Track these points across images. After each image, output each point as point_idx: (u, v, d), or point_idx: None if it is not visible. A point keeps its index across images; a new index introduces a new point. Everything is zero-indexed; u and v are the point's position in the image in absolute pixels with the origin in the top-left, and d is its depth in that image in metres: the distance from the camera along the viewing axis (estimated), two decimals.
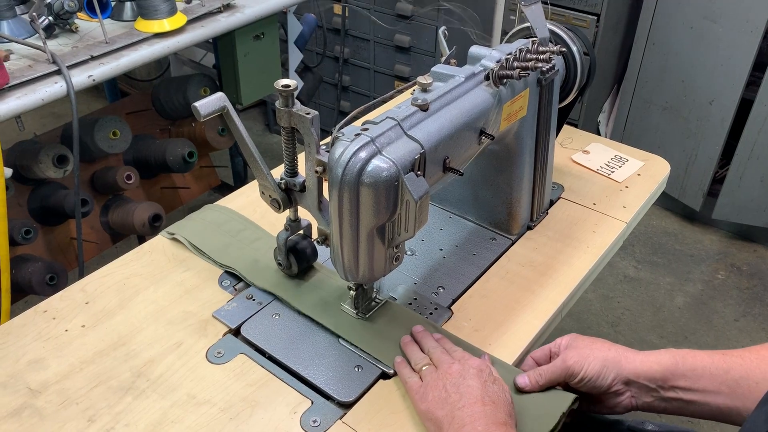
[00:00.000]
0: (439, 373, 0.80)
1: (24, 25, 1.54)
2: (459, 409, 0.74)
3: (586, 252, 1.07)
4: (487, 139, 0.90)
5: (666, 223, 2.58)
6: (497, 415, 0.74)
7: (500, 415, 0.74)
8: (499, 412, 0.74)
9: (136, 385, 0.84)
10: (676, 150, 2.41)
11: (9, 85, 1.34)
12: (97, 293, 0.98)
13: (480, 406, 0.74)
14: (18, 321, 0.93)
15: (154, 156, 2.00)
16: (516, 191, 1.06)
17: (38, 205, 1.84)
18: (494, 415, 0.73)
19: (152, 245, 1.07)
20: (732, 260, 2.41)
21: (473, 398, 0.75)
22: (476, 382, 0.77)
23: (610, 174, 1.25)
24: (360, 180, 0.74)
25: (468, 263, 1.05)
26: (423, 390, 0.79)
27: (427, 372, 0.81)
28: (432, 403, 0.77)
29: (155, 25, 1.57)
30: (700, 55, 2.21)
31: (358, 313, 0.92)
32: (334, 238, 0.82)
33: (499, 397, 0.76)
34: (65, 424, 0.79)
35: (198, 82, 2.03)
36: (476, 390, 0.76)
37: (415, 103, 0.81)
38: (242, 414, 0.81)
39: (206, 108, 0.79)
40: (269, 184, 0.88)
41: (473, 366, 0.79)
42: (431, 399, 0.77)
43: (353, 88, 2.78)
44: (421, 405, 0.78)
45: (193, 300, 0.97)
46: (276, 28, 1.91)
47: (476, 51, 0.96)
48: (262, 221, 1.10)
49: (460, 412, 0.74)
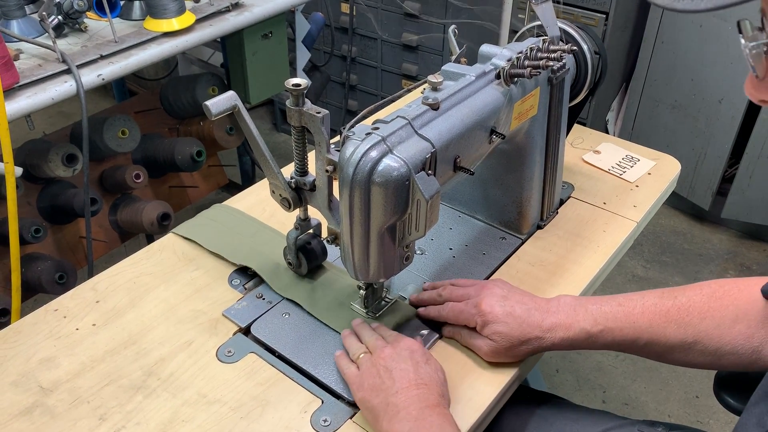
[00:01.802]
0: (372, 360, 0.80)
1: (34, 25, 1.54)
2: (393, 395, 0.75)
3: (597, 252, 1.07)
4: (497, 138, 0.90)
5: (675, 223, 2.57)
6: (430, 398, 0.75)
7: (433, 397, 0.75)
8: (432, 393, 0.76)
9: (146, 384, 0.84)
10: (685, 149, 2.39)
11: (19, 84, 1.34)
12: (107, 292, 0.98)
13: (414, 390, 0.75)
14: (29, 320, 0.93)
15: (163, 155, 2.00)
16: (526, 190, 1.06)
17: (48, 203, 1.85)
18: (427, 398, 0.75)
19: (162, 244, 1.07)
20: (741, 260, 2.39)
21: (406, 382, 0.76)
22: (408, 364, 0.78)
23: (621, 174, 1.24)
24: (371, 179, 0.74)
25: (478, 263, 1.05)
26: (359, 379, 0.80)
27: (362, 360, 0.82)
28: (367, 392, 0.78)
29: (164, 24, 1.57)
30: (710, 53, 2.20)
31: (368, 312, 0.92)
32: (344, 238, 0.82)
33: (431, 378, 0.78)
34: (76, 423, 0.79)
35: (206, 81, 2.03)
36: (409, 373, 0.77)
37: (426, 102, 0.81)
38: (253, 413, 0.81)
39: (217, 107, 0.79)
40: (279, 183, 0.88)
41: (405, 347, 0.81)
42: (366, 387, 0.78)
43: (360, 86, 2.78)
44: (358, 394, 0.79)
45: (204, 299, 0.97)
46: (284, 27, 1.91)
47: (487, 50, 0.95)
48: (272, 220, 1.10)
49: (394, 398, 0.75)
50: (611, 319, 0.83)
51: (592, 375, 1.98)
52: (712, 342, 0.80)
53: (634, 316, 0.82)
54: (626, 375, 1.98)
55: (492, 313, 0.84)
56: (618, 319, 0.83)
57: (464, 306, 0.88)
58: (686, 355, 0.82)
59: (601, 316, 0.83)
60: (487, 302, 0.85)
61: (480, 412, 0.81)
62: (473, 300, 0.87)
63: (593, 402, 1.90)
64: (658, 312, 0.82)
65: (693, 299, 0.82)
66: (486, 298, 0.86)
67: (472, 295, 0.88)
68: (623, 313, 0.83)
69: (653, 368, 1.98)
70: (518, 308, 0.85)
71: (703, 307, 0.81)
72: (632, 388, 1.94)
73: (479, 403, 0.82)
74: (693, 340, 0.80)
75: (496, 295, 0.87)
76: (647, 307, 0.83)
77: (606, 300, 0.85)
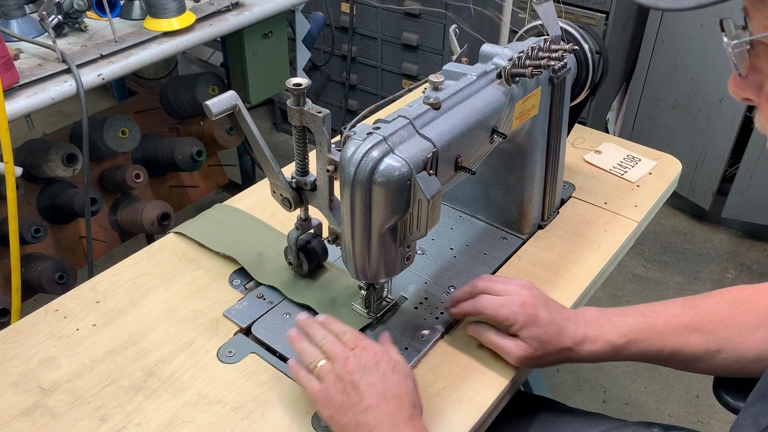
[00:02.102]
0: (336, 371, 0.75)
1: (33, 24, 1.54)
2: (362, 413, 0.71)
3: (598, 251, 1.07)
4: (499, 137, 0.89)
5: (675, 222, 2.57)
6: (402, 412, 0.71)
7: (404, 411, 0.71)
8: (403, 406, 0.72)
9: (147, 385, 0.84)
10: (686, 148, 2.39)
11: (19, 84, 1.34)
12: (108, 292, 0.98)
13: (384, 406, 0.71)
14: (29, 320, 0.93)
15: (163, 155, 2.00)
16: (527, 190, 1.05)
17: (47, 203, 1.85)
18: (399, 413, 0.71)
19: (162, 244, 1.07)
20: (742, 259, 2.39)
21: (375, 397, 0.71)
22: (375, 377, 0.73)
23: (623, 174, 1.24)
24: (372, 179, 0.74)
25: (479, 262, 1.04)
26: (324, 395, 0.74)
27: (323, 371, 0.76)
28: (335, 410, 0.73)
29: (164, 23, 1.57)
30: (710, 52, 2.20)
31: (370, 312, 0.92)
32: (345, 238, 0.81)
33: (401, 389, 0.73)
34: (77, 424, 0.79)
35: (206, 80, 2.03)
36: (377, 387, 0.72)
37: (427, 102, 0.80)
38: (254, 414, 0.80)
39: (218, 107, 0.79)
40: (280, 183, 0.88)
41: (370, 357, 0.75)
42: (334, 405, 0.73)
43: (360, 86, 2.77)
44: (326, 412, 0.74)
45: (204, 299, 0.97)
46: (284, 27, 1.91)
47: (488, 49, 0.95)
48: (272, 220, 1.10)
49: (364, 416, 0.71)
50: (635, 330, 0.81)
51: (592, 375, 1.98)
52: (736, 349, 0.79)
53: (658, 326, 0.81)
54: (626, 375, 1.98)
55: (536, 315, 0.81)
56: (642, 330, 0.81)
57: (506, 301, 0.83)
58: (711, 363, 0.81)
59: (625, 327, 0.82)
60: (532, 304, 0.82)
61: (481, 413, 0.81)
62: (515, 298, 0.84)
63: (593, 402, 1.90)
64: (681, 321, 0.81)
65: (715, 307, 0.81)
66: (531, 300, 0.83)
67: (512, 292, 0.85)
68: (647, 323, 0.82)
69: (653, 368, 1.98)
70: (557, 316, 0.82)
71: (725, 315, 0.80)
72: (632, 388, 1.94)
73: (480, 403, 0.82)
74: (717, 348, 0.80)
75: (538, 299, 0.84)
76: (670, 317, 0.81)
77: (628, 311, 0.84)
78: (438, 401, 0.82)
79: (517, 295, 0.84)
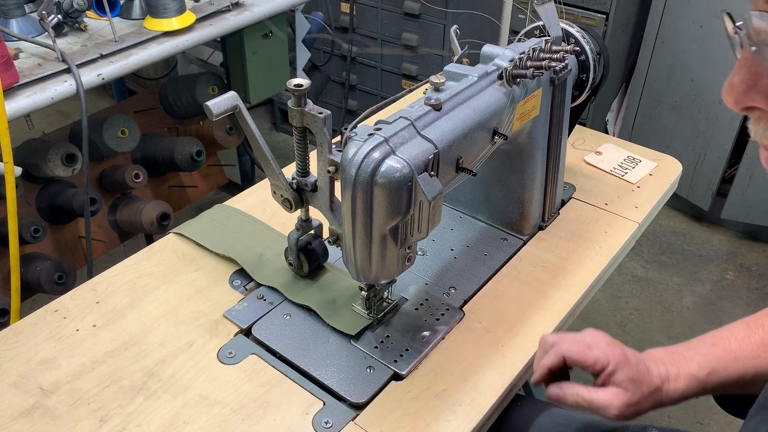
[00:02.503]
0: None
1: (33, 24, 1.54)
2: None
3: (598, 252, 1.06)
4: (500, 138, 0.89)
5: (675, 223, 2.57)
6: None
7: None
8: None
9: (147, 386, 0.84)
10: (685, 149, 2.39)
11: (19, 83, 1.34)
12: (107, 293, 0.97)
13: None
14: (29, 320, 0.93)
15: (162, 155, 2.00)
16: (528, 191, 1.05)
17: (47, 203, 1.84)
18: None
19: (162, 245, 1.07)
20: (741, 260, 2.39)
21: None
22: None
23: (623, 175, 1.24)
24: (373, 180, 0.73)
25: (479, 264, 1.04)
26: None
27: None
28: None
29: (164, 23, 1.57)
30: (710, 53, 2.20)
31: (370, 313, 0.92)
32: (346, 239, 0.81)
33: None
34: (77, 425, 0.79)
35: (206, 80, 2.03)
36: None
37: (428, 103, 0.80)
38: (254, 415, 0.80)
39: (218, 107, 0.79)
40: (281, 184, 0.88)
41: None
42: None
43: (360, 86, 2.77)
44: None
45: (204, 300, 0.96)
46: (284, 27, 1.91)
47: (489, 50, 0.95)
48: (273, 221, 1.10)
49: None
50: (713, 360, 0.77)
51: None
52: None
53: (733, 352, 0.78)
54: None
55: (625, 354, 0.76)
56: (720, 359, 0.78)
57: (591, 342, 0.78)
58: None
59: (701, 359, 0.78)
60: (614, 344, 0.77)
61: (482, 415, 0.81)
62: (596, 341, 0.78)
63: None
64: (754, 342, 0.78)
65: None
66: (609, 340, 0.77)
67: (588, 334, 0.79)
68: (722, 351, 0.78)
69: None
70: (638, 355, 0.78)
71: None
72: None
73: (481, 405, 0.82)
74: None
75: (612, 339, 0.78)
76: (742, 340, 0.79)
77: (694, 344, 0.80)
78: (439, 403, 0.82)
79: (596, 337, 0.79)
